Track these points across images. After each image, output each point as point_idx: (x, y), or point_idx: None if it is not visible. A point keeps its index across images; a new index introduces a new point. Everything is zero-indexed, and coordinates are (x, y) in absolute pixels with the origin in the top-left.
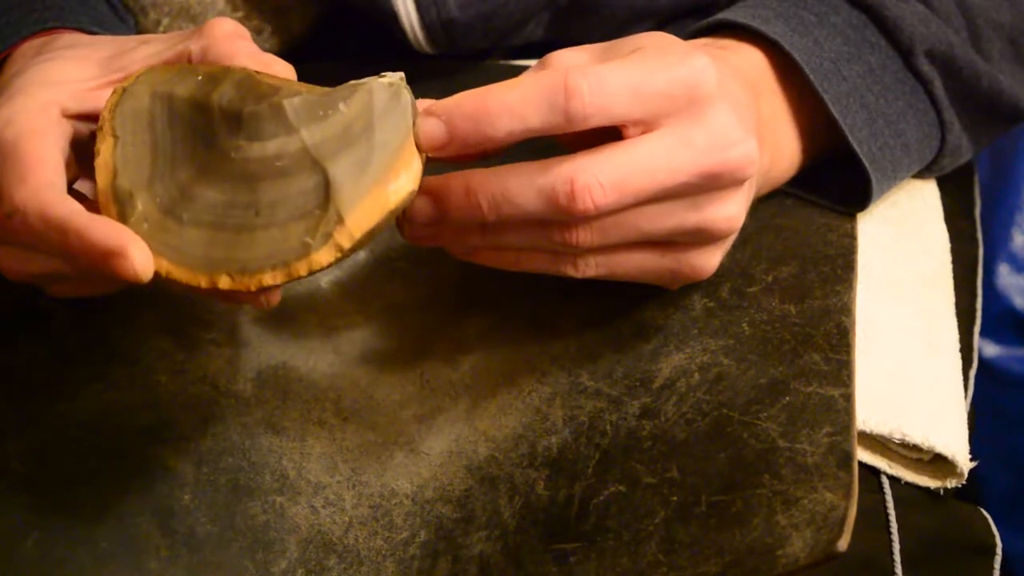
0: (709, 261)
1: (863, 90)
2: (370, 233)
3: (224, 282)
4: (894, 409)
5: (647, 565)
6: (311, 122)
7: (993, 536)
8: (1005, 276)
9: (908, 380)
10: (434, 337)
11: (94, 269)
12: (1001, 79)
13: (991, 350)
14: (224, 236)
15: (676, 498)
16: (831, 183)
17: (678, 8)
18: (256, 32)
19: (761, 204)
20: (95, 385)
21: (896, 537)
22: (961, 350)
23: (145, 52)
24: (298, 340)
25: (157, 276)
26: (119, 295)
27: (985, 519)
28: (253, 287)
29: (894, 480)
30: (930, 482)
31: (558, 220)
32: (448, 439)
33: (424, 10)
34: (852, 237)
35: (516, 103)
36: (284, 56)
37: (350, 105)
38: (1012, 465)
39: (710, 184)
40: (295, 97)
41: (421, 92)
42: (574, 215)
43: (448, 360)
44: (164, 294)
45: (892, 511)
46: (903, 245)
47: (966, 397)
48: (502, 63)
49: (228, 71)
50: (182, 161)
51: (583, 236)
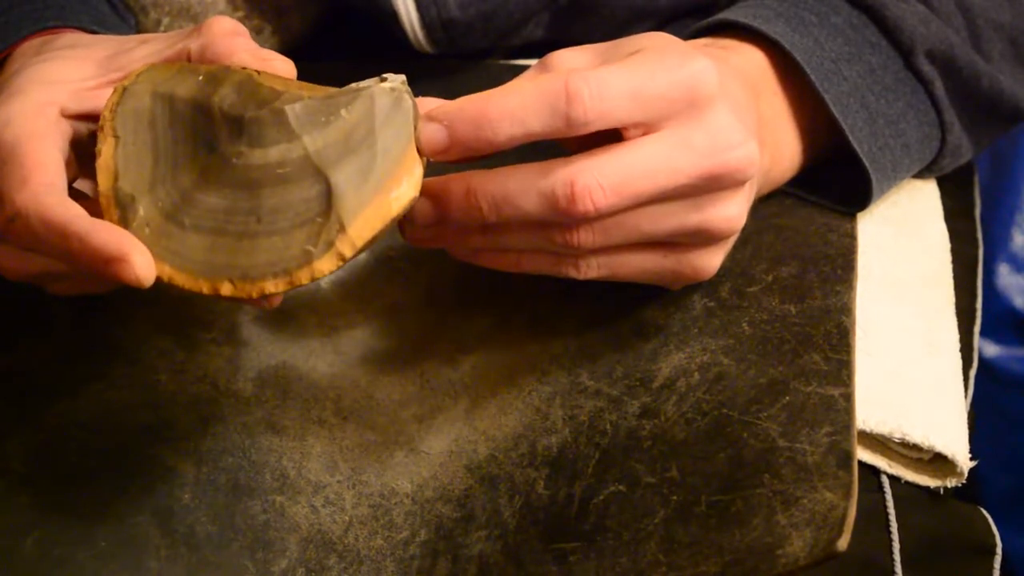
0: (711, 261)
1: (863, 90)
2: (372, 240)
3: (226, 289)
4: (894, 409)
5: (647, 565)
6: (313, 128)
7: (993, 536)
8: (1005, 276)
9: (908, 380)
10: (434, 337)
11: (95, 273)
12: (1001, 79)
13: (991, 350)
14: (226, 242)
15: (676, 498)
16: (831, 183)
17: (678, 8)
18: (256, 31)
19: (761, 204)
20: (95, 384)
21: (896, 537)
22: (961, 350)
23: (144, 51)
24: (298, 340)
25: (159, 281)
26: (119, 294)
27: (985, 519)
28: (255, 294)
29: (894, 479)
30: (930, 481)
31: (559, 222)
32: (448, 439)
33: (424, 9)
34: (852, 237)
35: (517, 108)
36: (284, 55)
37: (352, 111)
38: (1012, 465)
39: (711, 185)
40: (297, 103)
41: (421, 92)
42: (574, 217)
43: (448, 360)
44: (164, 294)
45: (892, 511)
46: (903, 245)
47: (966, 397)
48: (502, 63)
49: (229, 72)
50: (184, 164)
51: (584, 237)
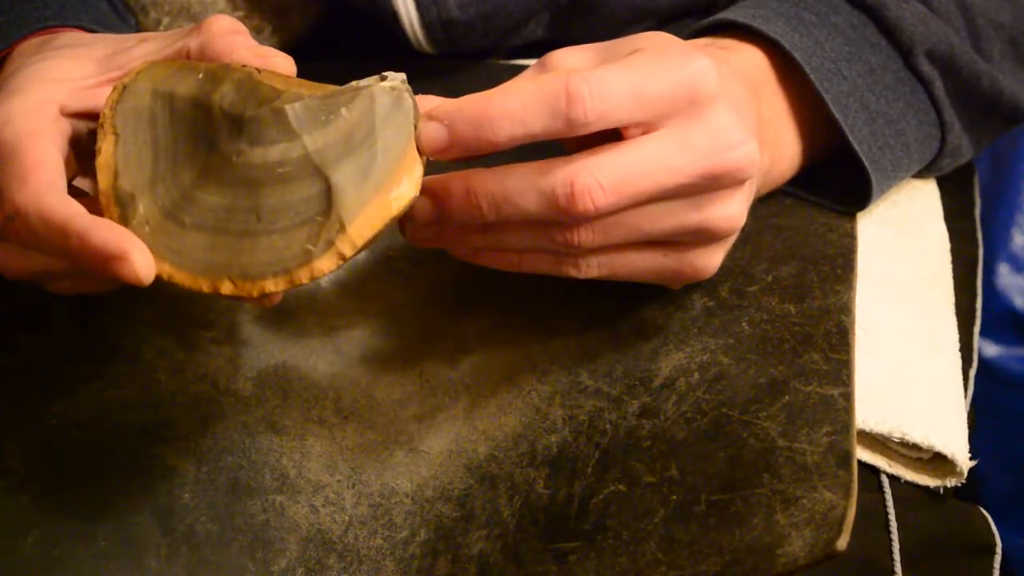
0: (711, 260)
1: (863, 90)
2: (372, 240)
3: (226, 287)
4: (894, 408)
5: (646, 564)
6: (313, 128)
7: (993, 535)
8: (1005, 276)
9: (908, 379)
10: (434, 336)
11: (95, 271)
12: (1001, 79)
13: (991, 350)
14: (226, 240)
15: (676, 497)
16: (831, 183)
17: (678, 8)
18: (256, 31)
19: (761, 204)
20: (95, 384)
21: (896, 536)
22: (961, 350)
23: (144, 50)
24: (298, 339)
25: (159, 279)
26: (119, 293)
27: (985, 518)
28: (255, 293)
29: (894, 479)
30: (930, 481)
31: (559, 221)
32: (448, 438)
33: (424, 9)
34: (852, 237)
35: (518, 109)
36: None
37: (352, 110)
38: (1012, 465)
39: (711, 184)
40: (297, 102)
41: (422, 92)
42: (574, 216)
43: (448, 359)
44: (164, 293)
45: (892, 510)
46: (903, 245)
47: (966, 397)
48: (502, 63)
49: (229, 70)
50: (184, 162)
51: (584, 236)
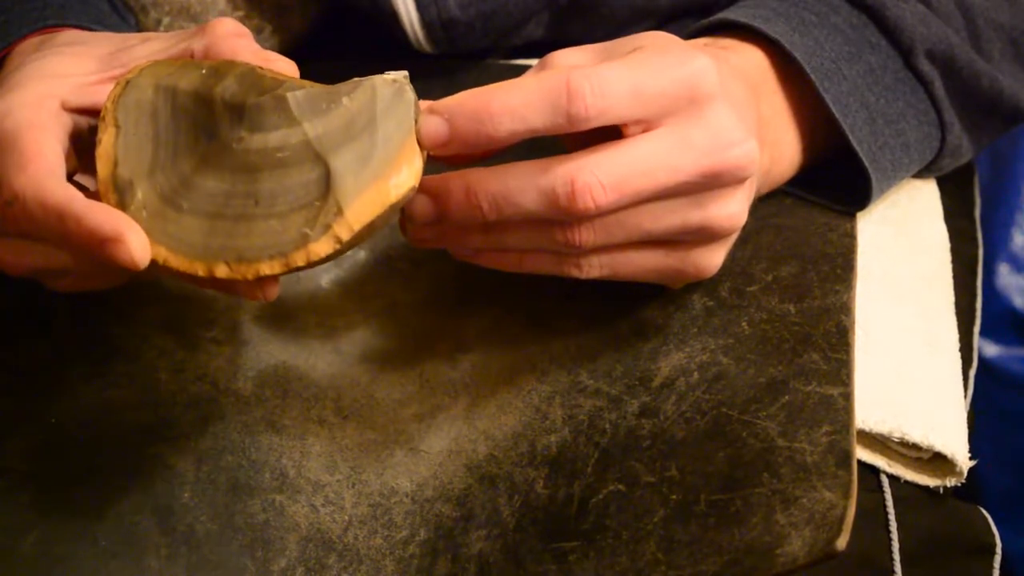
0: (712, 259)
1: (863, 90)
2: (369, 226)
3: (221, 270)
4: (893, 408)
5: (646, 564)
6: (314, 115)
7: (993, 535)
8: (1005, 276)
9: (908, 379)
10: (434, 336)
11: (91, 255)
12: (1001, 79)
13: (991, 350)
14: (223, 225)
15: (675, 497)
16: (831, 183)
17: (677, 8)
18: (256, 31)
19: (761, 204)
20: (95, 383)
21: (895, 536)
22: (961, 350)
23: (146, 50)
24: (298, 339)
25: (155, 264)
26: (119, 292)
27: (985, 518)
28: (250, 276)
29: (894, 479)
30: (929, 481)
31: (560, 220)
32: (448, 438)
33: (424, 9)
34: (852, 237)
35: (518, 104)
36: (284, 55)
37: (353, 100)
38: (1012, 465)
39: (711, 183)
40: (299, 90)
41: (422, 91)
42: (575, 215)
43: (448, 359)
44: (165, 292)
45: (891, 510)
46: (903, 245)
47: (966, 397)
48: (502, 63)
49: (232, 65)
50: (184, 152)
51: (585, 236)
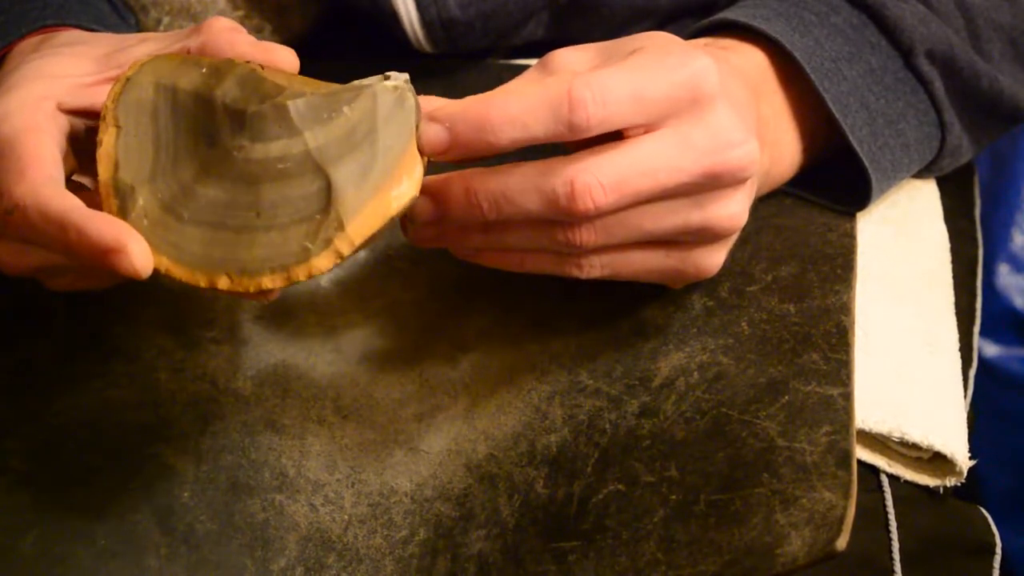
0: (713, 260)
1: (863, 90)
2: (370, 239)
3: (223, 282)
4: (893, 408)
5: (646, 564)
6: (315, 125)
7: (993, 535)
8: (1005, 276)
9: (907, 379)
10: (434, 336)
11: (93, 264)
12: (1001, 79)
13: (991, 350)
14: (224, 235)
15: (675, 497)
16: (831, 183)
17: (677, 7)
18: (256, 30)
19: (761, 204)
20: (95, 382)
21: (895, 536)
22: (961, 350)
23: (144, 50)
24: (298, 339)
25: (156, 272)
26: (119, 292)
27: (985, 518)
28: (252, 289)
29: (894, 479)
30: (929, 480)
31: (560, 220)
32: (447, 438)
33: (424, 9)
34: (852, 237)
35: (520, 113)
36: None
37: (354, 108)
38: (1012, 465)
39: (712, 183)
40: (299, 99)
41: (422, 91)
42: (575, 215)
43: (448, 359)
44: (164, 292)
45: (891, 510)
46: (903, 245)
47: (966, 397)
48: (502, 63)
49: (232, 66)
50: (184, 157)
51: (586, 236)
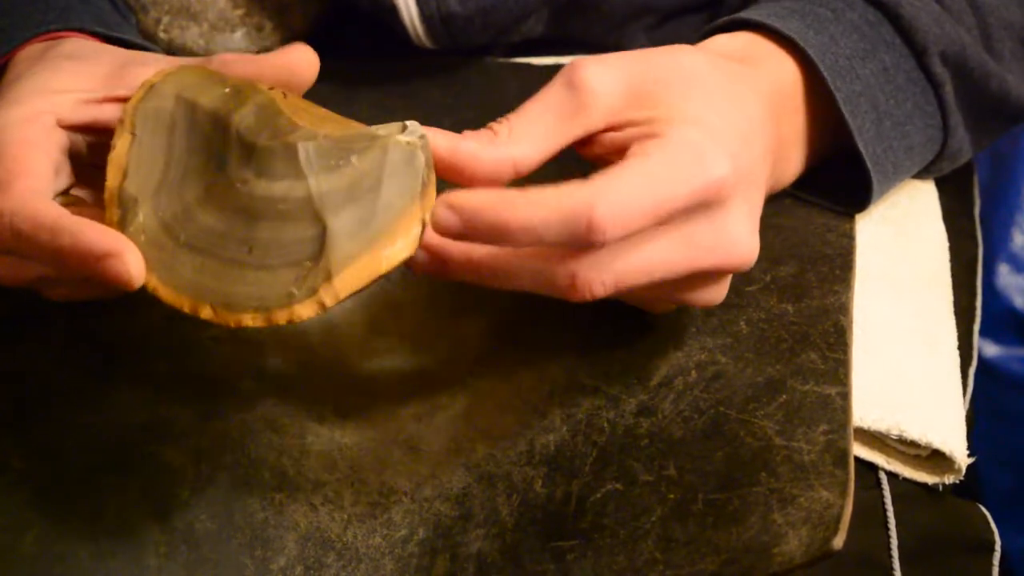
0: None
1: (875, 90)
2: (356, 292)
3: (206, 312)
4: (892, 405)
5: (644, 563)
6: (321, 171)
7: (992, 533)
8: (1005, 276)
9: (906, 377)
10: (433, 335)
11: (85, 272)
12: (1010, 79)
13: (991, 350)
14: (214, 265)
15: (673, 496)
16: (830, 184)
17: (677, 5)
18: (257, 29)
19: None
20: (95, 381)
21: (894, 534)
22: (961, 349)
23: (151, 71)
24: (297, 338)
25: (143, 289)
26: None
27: (984, 516)
28: (232, 324)
29: (892, 476)
30: (928, 478)
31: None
32: (447, 437)
33: (424, 4)
34: (851, 237)
35: (538, 224)
36: None
37: (363, 159)
38: (1012, 465)
39: (704, 279)
40: (310, 141)
41: (422, 90)
42: (573, 301)
43: (447, 358)
44: None
45: (890, 507)
46: (902, 244)
47: (965, 396)
48: (502, 61)
49: (254, 92)
50: (192, 176)
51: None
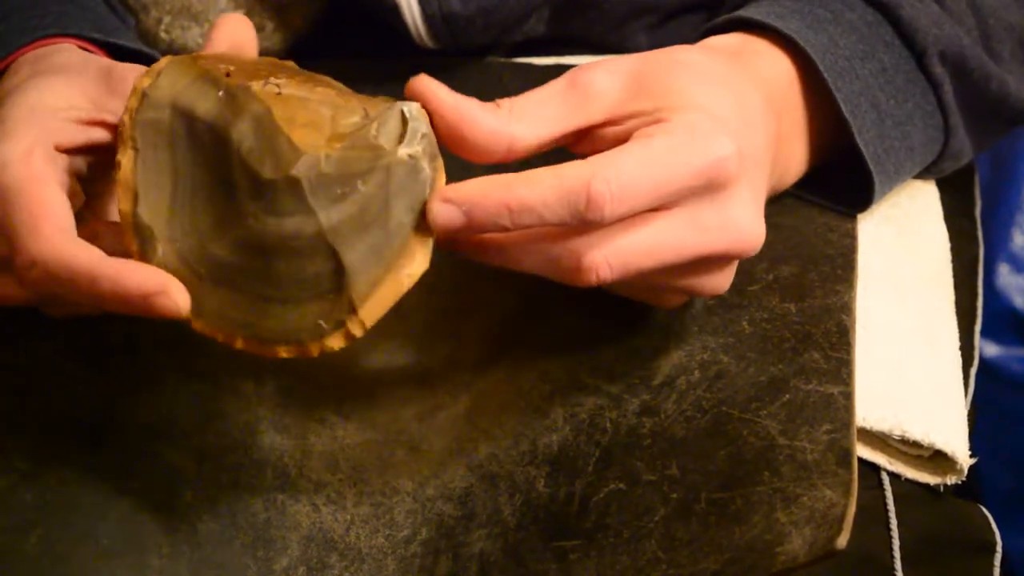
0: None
1: (875, 90)
2: (383, 318)
3: (239, 344)
4: (894, 406)
5: (647, 562)
6: (329, 203)
7: (993, 533)
8: (1005, 276)
9: (908, 377)
10: (435, 335)
11: (126, 310)
12: (1010, 81)
13: (991, 350)
14: (239, 299)
15: (676, 495)
16: (832, 183)
17: (678, 4)
18: (258, 29)
19: None
20: (97, 382)
21: (896, 534)
22: (962, 349)
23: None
24: None
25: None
26: None
27: (985, 516)
28: (267, 355)
29: (894, 477)
30: (930, 478)
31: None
32: (449, 437)
33: (426, 3)
34: (852, 237)
35: (537, 203)
36: (286, 54)
37: (368, 183)
38: (1012, 465)
39: (710, 263)
40: (312, 170)
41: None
42: (577, 285)
43: (449, 358)
44: None
45: (892, 508)
46: (903, 244)
47: (967, 396)
48: (503, 61)
49: (249, 96)
50: (201, 197)
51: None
